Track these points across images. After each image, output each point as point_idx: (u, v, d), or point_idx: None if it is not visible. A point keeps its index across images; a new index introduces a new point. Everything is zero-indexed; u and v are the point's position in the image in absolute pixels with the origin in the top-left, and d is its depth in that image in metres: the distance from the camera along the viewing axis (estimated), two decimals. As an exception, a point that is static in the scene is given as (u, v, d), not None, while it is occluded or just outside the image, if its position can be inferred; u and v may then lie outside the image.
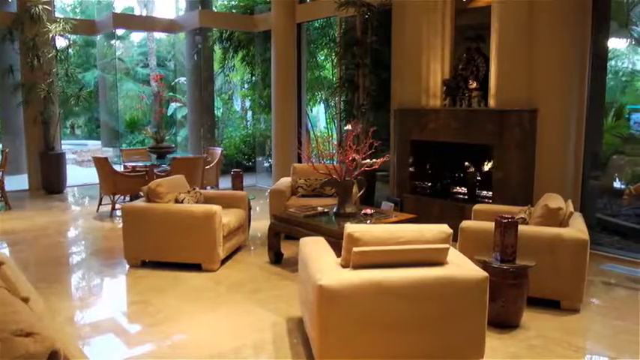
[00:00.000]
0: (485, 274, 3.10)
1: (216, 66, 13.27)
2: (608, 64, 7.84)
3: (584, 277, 4.15)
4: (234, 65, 12.94)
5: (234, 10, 12.15)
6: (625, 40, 10.92)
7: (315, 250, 3.53)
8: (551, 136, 5.84)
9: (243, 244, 6.04)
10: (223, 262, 5.37)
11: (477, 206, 5.37)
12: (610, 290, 4.83)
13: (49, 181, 9.91)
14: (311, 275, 3.07)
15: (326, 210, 5.42)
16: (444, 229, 3.17)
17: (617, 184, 8.40)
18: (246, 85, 14.29)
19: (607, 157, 8.38)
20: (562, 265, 4.10)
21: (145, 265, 5.33)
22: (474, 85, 6.48)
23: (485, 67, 6.40)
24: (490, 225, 4.01)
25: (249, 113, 14.82)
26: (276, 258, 5.42)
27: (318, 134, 12.04)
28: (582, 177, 6.04)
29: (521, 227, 3.97)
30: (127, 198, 8.12)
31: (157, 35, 17.68)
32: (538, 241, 4.12)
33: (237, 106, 15.96)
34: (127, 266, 5.33)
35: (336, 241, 3.92)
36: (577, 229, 4.22)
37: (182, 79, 14.76)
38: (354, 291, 2.89)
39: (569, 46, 5.78)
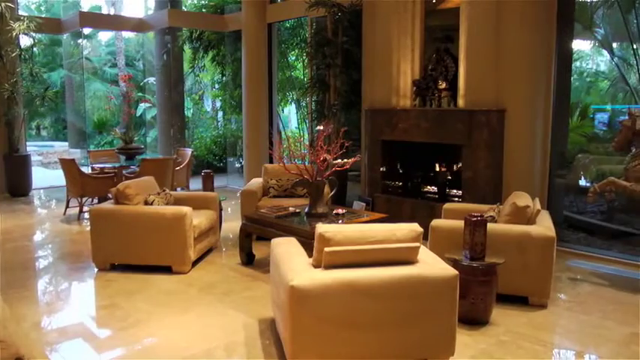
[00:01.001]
0: (455, 272, 3.14)
1: (186, 66, 13.13)
2: (572, 65, 8.03)
3: (551, 273, 4.24)
4: (204, 65, 12.82)
5: (204, 10, 12.04)
6: (589, 41, 11.18)
7: (286, 250, 3.52)
8: (519, 135, 5.94)
9: (215, 245, 5.99)
10: (194, 264, 5.32)
11: (447, 205, 5.43)
12: (576, 286, 4.94)
13: (14, 183, 9.66)
14: (283, 276, 3.06)
15: (297, 210, 5.42)
16: (415, 228, 3.20)
17: (582, 183, 8.60)
18: (216, 86, 14.18)
19: (572, 156, 8.57)
20: (530, 262, 4.18)
21: (114, 268, 5.24)
22: (443, 85, 6.56)
23: (455, 68, 6.48)
24: (460, 223, 4.06)
25: (220, 113, 14.71)
26: (248, 259, 5.39)
27: (290, 134, 12.04)
28: (549, 175, 6.17)
29: (490, 225, 4.03)
30: (95, 200, 7.97)
31: (126, 34, 17.40)
32: (507, 239, 4.20)
33: (207, 106, 15.82)
34: (96, 270, 5.24)
35: (307, 242, 3.92)
36: (544, 226, 4.31)
37: (151, 79, 14.57)
38: (326, 291, 2.89)
39: (536, 47, 5.90)
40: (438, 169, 6.99)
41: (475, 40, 6.08)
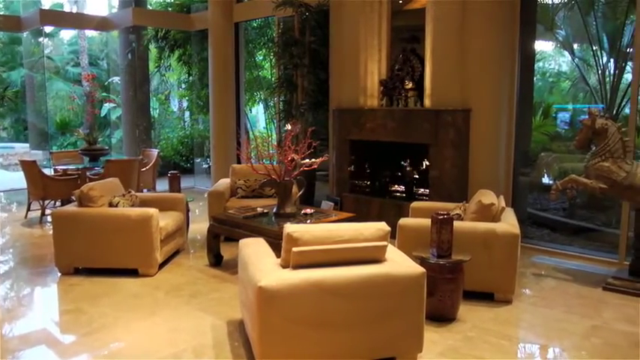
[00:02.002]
0: (422, 269, 3.17)
1: (151, 65, 12.93)
2: (535, 65, 8.21)
3: (515, 269, 4.32)
4: (170, 65, 12.64)
5: (169, 9, 11.87)
6: (551, 43, 11.44)
7: (254, 251, 3.51)
8: (484, 134, 6.04)
9: (182, 247, 5.92)
10: (161, 266, 5.24)
11: (414, 204, 5.49)
12: (540, 281, 5.05)
13: (-28, 186, 9.35)
14: (251, 276, 3.05)
15: (266, 211, 5.39)
16: (382, 227, 3.22)
17: (545, 180, 8.80)
18: (183, 85, 14.00)
19: (536, 155, 8.76)
20: (495, 259, 4.26)
21: (78, 272, 5.12)
22: (409, 85, 6.62)
23: (421, 68, 6.54)
24: (427, 222, 4.10)
25: (187, 114, 14.53)
26: (216, 260, 5.34)
27: (258, 135, 11.98)
28: (513, 173, 6.29)
29: (456, 223, 4.08)
30: (58, 203, 7.78)
31: (89, 33, 17.02)
32: (473, 236, 4.26)
33: (174, 106, 15.61)
34: (59, 274, 5.11)
35: (275, 242, 3.91)
36: (509, 223, 4.39)
37: (116, 79, 14.30)
38: (294, 291, 2.88)
39: (500, 47, 6.01)
40: (405, 168, 7.05)
41: (440, 41, 6.15)
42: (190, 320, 4.01)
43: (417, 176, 6.89)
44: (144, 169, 8.50)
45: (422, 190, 6.67)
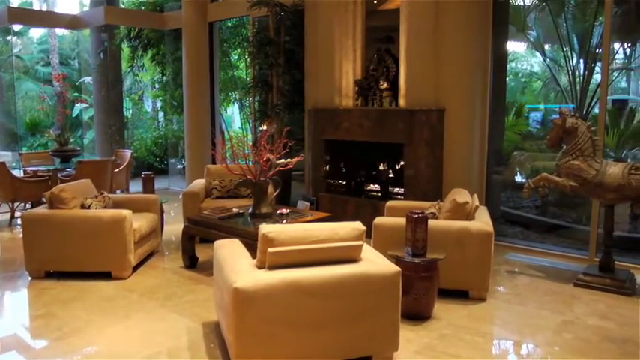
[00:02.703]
0: (397, 268, 3.19)
1: (124, 65, 12.75)
2: (508, 65, 8.33)
3: (489, 267, 4.38)
4: (143, 64, 12.48)
5: (142, 7, 11.72)
6: (523, 43, 11.61)
7: (230, 252, 3.48)
8: (458, 134, 6.10)
9: (157, 249, 5.85)
10: (135, 268, 5.17)
11: (389, 203, 5.51)
12: (513, 278, 5.12)
13: (-62, 189, 9.08)
14: (226, 278, 3.02)
15: (241, 211, 5.36)
16: (357, 226, 3.23)
17: (518, 179, 8.94)
18: (156, 85, 13.83)
19: (508, 154, 8.89)
20: (469, 257, 4.30)
21: (50, 275, 5.02)
22: (384, 85, 6.65)
23: (395, 68, 6.58)
24: (402, 221, 4.13)
25: (161, 114, 14.37)
26: (191, 262, 5.29)
27: (233, 135, 11.90)
28: (486, 172, 6.37)
29: (431, 222, 4.12)
30: (29, 205, 7.62)
31: (60, 32, 16.69)
32: (447, 235, 4.30)
33: (147, 106, 15.42)
34: (29, 278, 5.01)
35: (251, 243, 3.88)
36: (482, 221, 4.44)
37: (88, 79, 14.06)
38: (270, 292, 2.87)
39: (473, 48, 6.07)
40: (380, 167, 7.09)
41: (415, 41, 6.19)
42: (165, 322, 3.96)
43: (392, 176, 6.93)
44: (117, 170, 8.38)
45: (397, 189, 6.71)
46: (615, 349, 3.59)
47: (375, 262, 3.23)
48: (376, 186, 7.06)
